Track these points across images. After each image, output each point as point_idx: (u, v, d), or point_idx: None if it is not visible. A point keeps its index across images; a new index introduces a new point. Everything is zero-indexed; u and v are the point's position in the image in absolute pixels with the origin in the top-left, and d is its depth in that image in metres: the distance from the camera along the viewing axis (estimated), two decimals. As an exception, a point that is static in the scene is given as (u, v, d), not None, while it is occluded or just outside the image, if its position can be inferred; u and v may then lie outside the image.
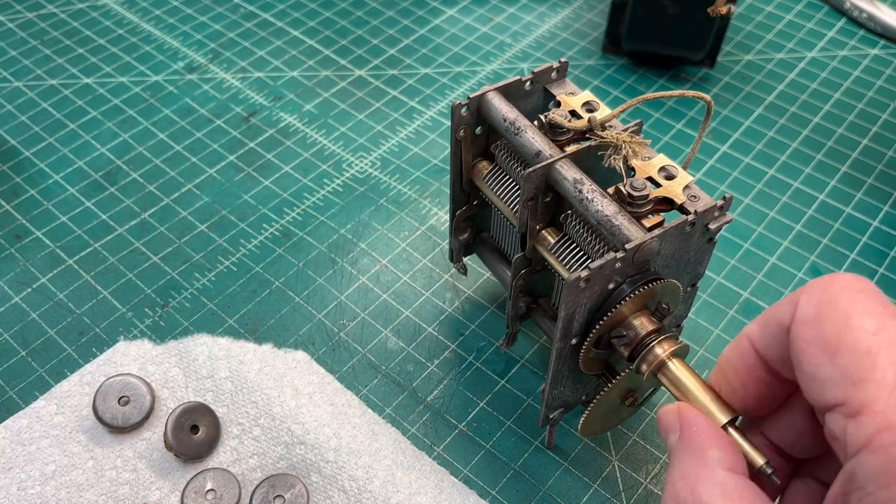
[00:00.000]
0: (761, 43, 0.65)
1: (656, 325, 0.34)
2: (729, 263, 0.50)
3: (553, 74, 0.40)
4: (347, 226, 0.51)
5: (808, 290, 0.25)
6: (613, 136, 0.36)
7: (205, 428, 0.40)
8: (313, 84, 0.61)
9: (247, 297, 0.48)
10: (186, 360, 0.43)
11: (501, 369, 0.45)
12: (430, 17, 0.67)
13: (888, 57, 0.64)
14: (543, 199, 0.37)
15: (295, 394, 0.42)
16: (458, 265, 0.46)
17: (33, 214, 0.52)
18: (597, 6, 0.69)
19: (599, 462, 0.41)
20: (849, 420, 0.23)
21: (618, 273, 0.33)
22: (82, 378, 0.43)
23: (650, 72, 0.62)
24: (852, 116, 0.59)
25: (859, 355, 0.23)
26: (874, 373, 0.22)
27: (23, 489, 0.39)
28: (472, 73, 0.62)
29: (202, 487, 0.38)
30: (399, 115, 0.59)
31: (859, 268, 0.50)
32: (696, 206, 0.34)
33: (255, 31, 0.65)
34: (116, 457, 0.40)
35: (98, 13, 0.67)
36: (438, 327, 0.46)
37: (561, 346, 0.34)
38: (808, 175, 0.55)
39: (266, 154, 0.56)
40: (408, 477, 0.39)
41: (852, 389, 0.23)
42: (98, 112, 0.58)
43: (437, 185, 0.54)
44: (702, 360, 0.45)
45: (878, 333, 0.23)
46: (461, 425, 0.42)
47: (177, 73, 0.62)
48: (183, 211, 0.52)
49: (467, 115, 0.39)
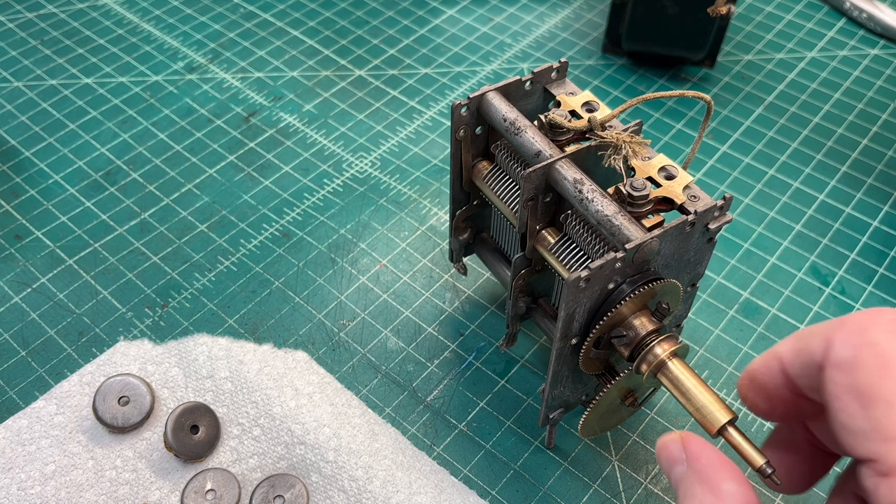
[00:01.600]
0: (761, 43, 0.65)
1: (656, 324, 0.34)
2: (729, 263, 0.50)
3: (553, 74, 0.40)
4: (347, 226, 0.51)
5: (845, 327, 0.23)
6: (613, 136, 0.36)
7: (205, 428, 0.40)
8: (313, 84, 0.61)
9: (247, 297, 0.48)
10: (186, 360, 0.43)
11: (501, 369, 0.45)
12: (430, 17, 0.67)
13: (888, 57, 0.64)
14: (543, 199, 0.37)
15: (295, 394, 0.42)
16: (458, 265, 0.46)
17: (33, 214, 0.52)
18: (597, 6, 0.68)
19: (599, 462, 0.41)
20: (880, 478, 0.21)
21: (618, 273, 0.33)
22: (82, 378, 0.43)
23: (650, 72, 0.62)
24: (852, 116, 0.59)
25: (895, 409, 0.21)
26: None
27: (23, 489, 0.39)
28: (472, 73, 0.62)
29: (202, 487, 0.38)
30: (399, 115, 0.59)
31: (859, 268, 0.50)
32: (696, 206, 0.34)
33: (255, 31, 0.65)
34: (116, 457, 0.40)
35: (98, 13, 0.67)
36: (438, 327, 0.46)
37: (561, 346, 0.34)
38: (808, 175, 0.55)
39: (266, 154, 0.56)
40: (408, 477, 0.39)
41: (885, 447, 0.21)
42: (98, 112, 0.58)
43: (437, 185, 0.54)
44: (702, 360, 0.45)
45: None
46: (461, 425, 0.42)
47: (177, 73, 0.62)
48: (183, 211, 0.52)
49: (467, 115, 0.39)
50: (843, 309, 0.48)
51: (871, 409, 0.22)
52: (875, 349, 0.22)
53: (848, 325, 0.23)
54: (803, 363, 0.25)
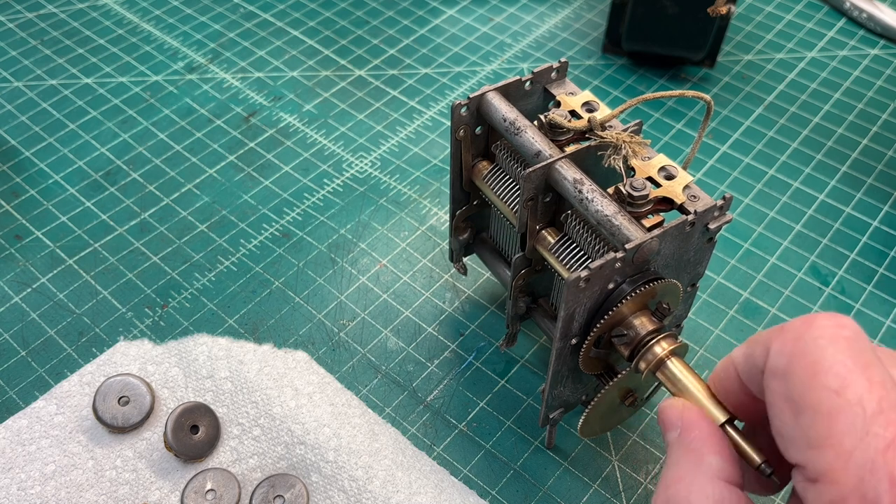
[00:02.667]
0: (761, 43, 0.65)
1: (656, 324, 0.34)
2: (729, 263, 0.50)
3: (553, 74, 0.40)
4: (347, 226, 0.51)
5: (782, 335, 0.24)
6: (613, 136, 0.36)
7: (205, 428, 0.40)
8: (313, 84, 0.61)
9: (247, 297, 0.48)
10: (186, 360, 0.43)
11: (501, 369, 0.45)
12: (430, 17, 0.67)
13: (888, 57, 0.64)
14: (543, 199, 0.37)
15: (295, 394, 0.42)
16: (458, 265, 0.46)
17: (33, 214, 0.52)
18: (597, 6, 0.69)
19: (599, 462, 0.41)
20: (808, 483, 0.22)
21: (618, 273, 0.33)
22: (82, 378, 0.43)
23: (650, 72, 0.62)
24: (852, 116, 0.59)
25: (819, 417, 0.22)
26: (830, 439, 0.22)
27: (23, 489, 0.39)
28: (472, 73, 0.62)
29: (202, 487, 0.38)
30: (399, 115, 0.59)
31: (859, 268, 0.50)
32: (695, 205, 0.34)
33: (255, 31, 0.65)
34: (116, 457, 0.40)
35: (98, 13, 0.67)
36: (438, 327, 0.46)
37: (561, 346, 0.34)
38: (808, 175, 0.55)
39: (266, 154, 0.56)
40: (408, 477, 0.39)
41: (811, 454, 0.22)
42: (98, 112, 0.58)
43: (437, 185, 0.54)
44: (702, 360, 0.45)
45: (840, 394, 0.22)
46: (461, 425, 0.42)
47: (177, 73, 0.62)
48: (183, 211, 0.52)
49: (467, 114, 0.39)
50: (843, 309, 0.48)
51: (800, 417, 0.23)
52: (806, 358, 0.23)
53: (784, 332, 0.24)
54: (750, 370, 0.26)
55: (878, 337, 0.46)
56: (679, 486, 0.26)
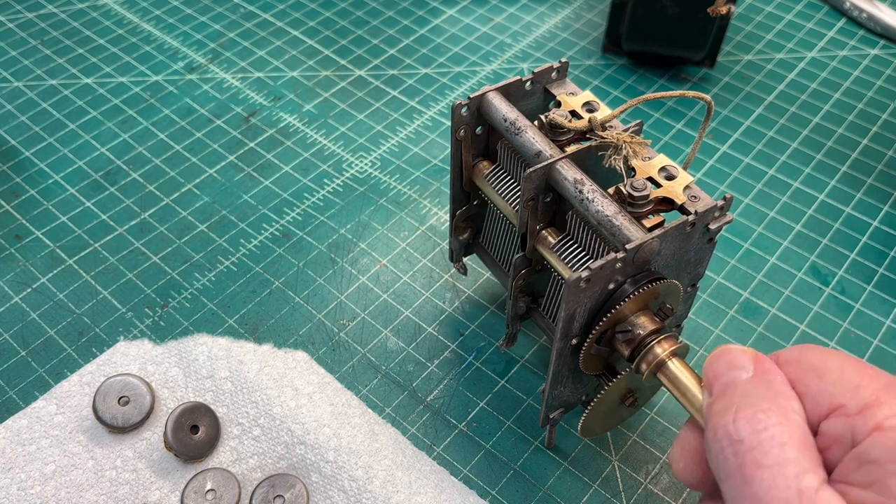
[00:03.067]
0: (761, 43, 0.65)
1: (657, 324, 0.34)
2: (729, 263, 0.50)
3: (553, 74, 0.40)
4: (347, 226, 0.51)
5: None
6: (614, 137, 0.36)
7: (205, 428, 0.40)
8: (313, 84, 0.61)
9: (247, 297, 0.48)
10: (186, 360, 0.43)
11: (501, 369, 0.45)
12: (430, 17, 0.67)
13: (888, 57, 0.64)
14: (544, 200, 0.37)
15: (295, 394, 0.42)
16: (458, 265, 0.46)
17: (33, 214, 0.52)
18: (597, 6, 0.69)
19: (599, 462, 0.41)
20: (852, 417, 0.25)
21: (618, 273, 0.33)
22: (82, 378, 0.43)
23: (650, 72, 0.62)
24: (852, 116, 0.59)
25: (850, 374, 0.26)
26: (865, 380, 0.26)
27: (23, 489, 0.39)
28: (472, 73, 0.62)
29: (202, 487, 0.38)
30: (399, 115, 0.59)
31: (859, 267, 0.50)
32: (696, 206, 0.34)
33: (255, 31, 0.65)
34: (116, 457, 0.40)
35: (98, 13, 0.67)
36: (438, 327, 0.46)
37: (561, 346, 0.34)
38: (808, 175, 0.55)
39: (266, 154, 0.56)
40: (408, 477, 0.39)
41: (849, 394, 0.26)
42: (98, 112, 0.58)
43: (437, 185, 0.54)
44: (702, 360, 0.45)
45: None
46: (461, 425, 0.42)
47: (177, 73, 0.62)
48: (183, 211, 0.52)
49: (467, 114, 0.39)
50: (842, 309, 0.48)
51: (824, 378, 0.26)
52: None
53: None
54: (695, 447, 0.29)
55: (878, 337, 0.46)
56: (770, 414, 0.25)
